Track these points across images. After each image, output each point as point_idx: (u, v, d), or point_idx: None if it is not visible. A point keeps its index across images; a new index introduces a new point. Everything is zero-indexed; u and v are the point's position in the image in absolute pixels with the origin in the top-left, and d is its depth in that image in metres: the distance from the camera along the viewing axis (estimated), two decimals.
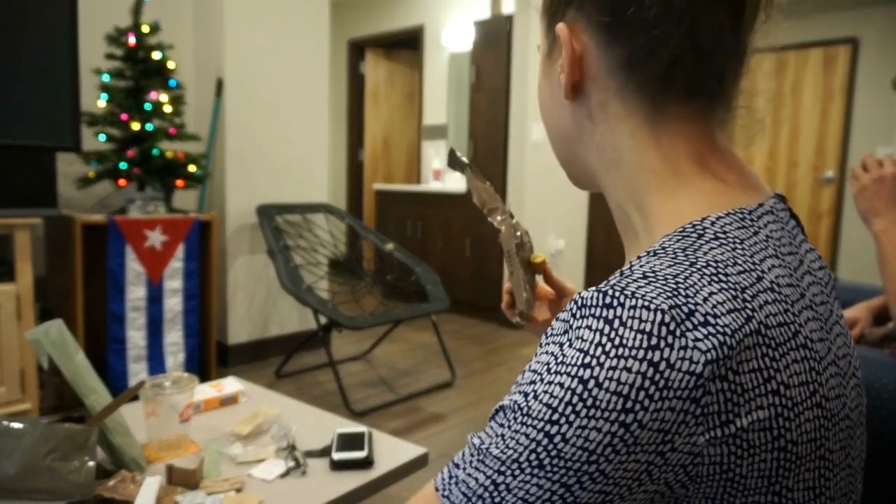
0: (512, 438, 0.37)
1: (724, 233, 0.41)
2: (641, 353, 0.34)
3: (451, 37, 5.18)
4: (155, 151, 2.57)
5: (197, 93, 3.21)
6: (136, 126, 2.54)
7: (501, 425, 0.39)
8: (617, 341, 0.35)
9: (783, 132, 5.27)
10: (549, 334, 0.40)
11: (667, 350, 0.34)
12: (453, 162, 0.68)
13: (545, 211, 4.21)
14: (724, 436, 0.35)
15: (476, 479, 0.38)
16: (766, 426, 0.36)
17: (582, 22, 0.45)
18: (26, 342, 2.08)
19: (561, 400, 0.36)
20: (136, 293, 2.50)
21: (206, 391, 1.34)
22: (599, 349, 0.35)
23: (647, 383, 0.34)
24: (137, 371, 2.52)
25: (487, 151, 4.23)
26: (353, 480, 1.03)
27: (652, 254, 0.41)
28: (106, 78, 2.57)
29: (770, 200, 0.45)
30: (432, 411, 2.70)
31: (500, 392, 2.94)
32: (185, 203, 3.16)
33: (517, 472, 0.37)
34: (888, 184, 1.06)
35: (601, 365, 0.35)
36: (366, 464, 1.07)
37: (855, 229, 4.87)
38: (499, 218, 0.67)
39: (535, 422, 0.36)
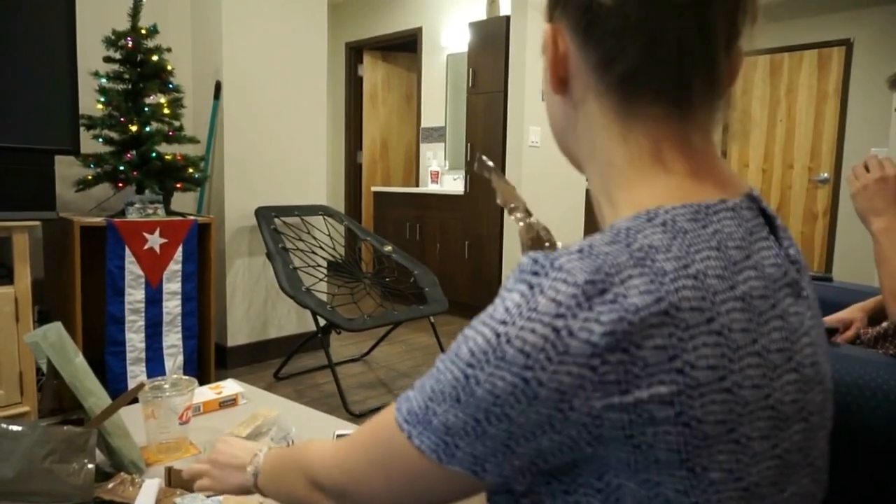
0: (442, 373, 0.45)
1: (673, 221, 0.44)
2: (548, 318, 0.39)
3: (449, 39, 5.19)
4: (153, 154, 2.57)
5: (195, 95, 3.22)
6: (134, 129, 2.54)
7: (442, 360, 0.46)
8: (533, 305, 0.40)
9: (778, 134, 5.28)
10: (503, 286, 0.44)
11: (571, 319, 0.39)
12: (480, 166, 0.75)
13: (543, 213, 4.22)
14: (623, 404, 0.39)
15: (417, 401, 0.46)
16: (667, 401, 0.39)
17: (564, 23, 0.49)
18: (25, 345, 2.08)
19: (480, 349, 0.42)
20: (134, 296, 2.51)
21: (206, 393, 1.34)
22: (517, 310, 0.41)
23: (548, 346, 0.39)
24: (136, 373, 2.52)
25: (485, 154, 4.24)
26: None
27: (603, 231, 0.45)
28: (104, 81, 2.57)
29: (737, 199, 0.47)
30: None
31: None
32: (184, 205, 3.16)
33: (441, 401, 0.44)
34: (891, 184, 1.07)
35: (514, 324, 0.40)
36: None
37: (850, 230, 4.88)
38: (518, 215, 0.73)
39: (460, 362, 0.43)
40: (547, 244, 0.72)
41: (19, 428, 0.96)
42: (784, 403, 0.43)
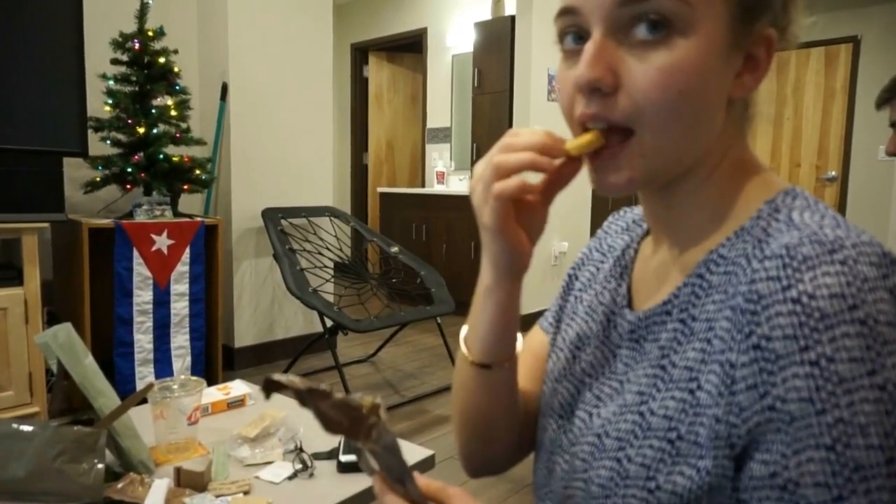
0: (843, 411, 0.35)
1: (805, 197, 0.46)
2: (880, 282, 0.37)
3: (455, 39, 5.19)
4: (161, 156, 2.58)
5: (202, 97, 3.23)
6: (141, 130, 2.56)
7: (822, 406, 0.36)
8: (861, 276, 0.37)
9: (785, 132, 5.26)
10: (762, 296, 0.39)
11: (893, 277, 0.38)
12: (272, 387, 0.44)
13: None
14: None
15: (879, 484, 0.35)
16: None
17: (766, 22, 0.46)
18: (34, 346, 2.09)
19: (861, 347, 0.35)
20: (142, 297, 2.52)
21: (214, 394, 1.35)
22: (853, 288, 0.36)
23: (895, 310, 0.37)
24: (145, 374, 2.53)
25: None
26: (360, 483, 1.04)
27: (782, 210, 0.45)
28: (112, 83, 2.59)
29: None
30: (438, 413, 2.70)
31: None
32: (191, 207, 3.17)
33: (882, 438, 0.35)
34: None
35: (865, 301, 0.36)
36: None
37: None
38: (369, 453, 0.46)
39: (855, 382, 0.35)
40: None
41: (30, 428, 0.96)
42: None
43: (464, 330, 0.59)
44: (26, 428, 0.96)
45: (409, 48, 5.87)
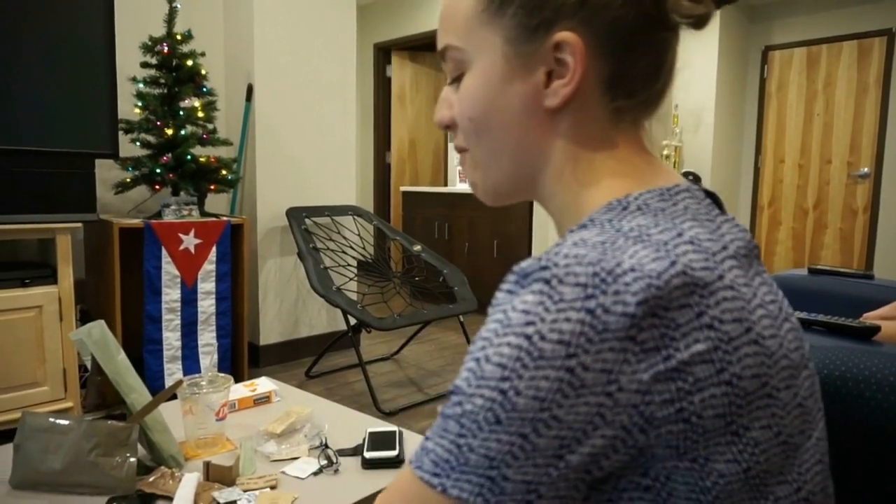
0: (468, 403, 0.40)
1: (647, 205, 0.46)
2: (579, 303, 0.38)
3: None
4: (188, 157, 2.63)
5: (228, 98, 3.28)
6: (170, 132, 2.61)
7: (461, 391, 0.42)
8: (556, 297, 0.39)
9: (815, 128, 5.15)
10: (494, 305, 0.43)
11: (602, 297, 0.38)
12: None
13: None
14: (668, 370, 0.38)
15: (441, 446, 0.41)
16: (707, 359, 0.39)
17: (583, 34, 0.47)
18: (68, 342, 2.15)
19: (512, 358, 0.39)
20: (171, 295, 2.57)
21: (240, 391, 1.37)
22: (541, 307, 0.39)
23: (586, 328, 0.38)
24: (173, 371, 2.58)
25: None
26: (384, 479, 1.05)
27: (581, 226, 0.46)
28: (141, 86, 2.64)
29: (685, 182, 0.50)
30: None
31: None
32: (218, 207, 3.23)
33: (477, 431, 0.40)
34: None
35: (544, 321, 0.39)
36: (397, 463, 1.09)
37: (892, 226, 4.73)
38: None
39: (489, 381, 0.40)
40: None
41: (66, 422, 0.99)
42: (792, 351, 0.45)
43: None
44: (63, 422, 1.00)
45: (432, 48, 5.87)
